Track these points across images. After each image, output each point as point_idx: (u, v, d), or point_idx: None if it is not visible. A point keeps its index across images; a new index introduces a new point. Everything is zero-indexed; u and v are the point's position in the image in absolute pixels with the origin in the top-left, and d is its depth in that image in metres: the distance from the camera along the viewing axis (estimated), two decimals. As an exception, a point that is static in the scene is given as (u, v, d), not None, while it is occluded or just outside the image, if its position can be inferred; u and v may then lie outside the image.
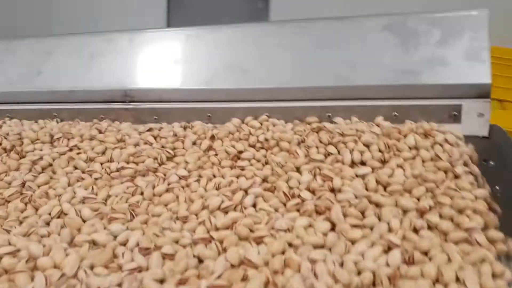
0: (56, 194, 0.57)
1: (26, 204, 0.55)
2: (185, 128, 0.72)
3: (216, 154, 0.63)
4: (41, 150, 0.68)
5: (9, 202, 0.57)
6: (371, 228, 0.46)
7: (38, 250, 0.43)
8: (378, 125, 0.66)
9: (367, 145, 0.60)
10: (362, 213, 0.48)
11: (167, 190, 0.57)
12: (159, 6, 1.39)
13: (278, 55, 0.76)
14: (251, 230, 0.47)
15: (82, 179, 0.61)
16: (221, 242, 0.45)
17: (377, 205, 0.49)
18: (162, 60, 0.81)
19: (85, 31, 0.93)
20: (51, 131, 0.73)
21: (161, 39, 0.84)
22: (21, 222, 0.52)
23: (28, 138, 0.71)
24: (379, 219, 0.47)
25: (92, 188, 0.58)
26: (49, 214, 0.53)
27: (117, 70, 0.82)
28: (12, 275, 0.40)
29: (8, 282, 0.39)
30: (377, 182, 0.53)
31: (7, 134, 0.74)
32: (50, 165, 0.65)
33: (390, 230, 0.45)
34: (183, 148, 0.66)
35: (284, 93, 0.74)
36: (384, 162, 0.57)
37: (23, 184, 0.60)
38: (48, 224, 0.51)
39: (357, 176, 0.55)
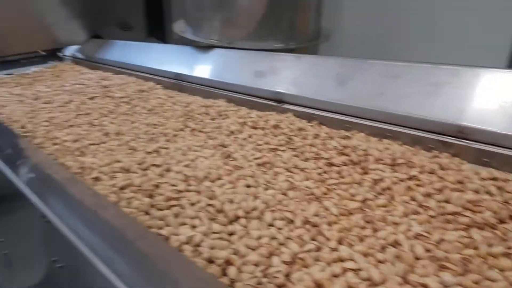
0: (393, 222, 0.62)
1: (366, 222, 0.63)
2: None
3: None
4: (383, 171, 0.75)
5: (351, 214, 0.65)
6: None
7: (377, 277, 0.49)
8: None
9: None
10: None
11: (505, 255, 0.53)
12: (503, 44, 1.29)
13: None
14: None
15: (418, 213, 0.64)
16: None
17: None
18: (500, 100, 0.78)
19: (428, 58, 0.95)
20: (394, 154, 0.79)
21: (504, 79, 0.80)
22: (361, 240, 0.59)
23: (373, 156, 0.79)
24: None
25: (426, 226, 0.60)
26: (384, 239, 0.58)
27: (455, 104, 0.82)
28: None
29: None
30: None
31: (355, 146, 0.84)
32: (389, 188, 0.71)
33: None
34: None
35: None
36: None
37: (363, 200, 0.68)
38: (383, 249, 0.57)
39: None
